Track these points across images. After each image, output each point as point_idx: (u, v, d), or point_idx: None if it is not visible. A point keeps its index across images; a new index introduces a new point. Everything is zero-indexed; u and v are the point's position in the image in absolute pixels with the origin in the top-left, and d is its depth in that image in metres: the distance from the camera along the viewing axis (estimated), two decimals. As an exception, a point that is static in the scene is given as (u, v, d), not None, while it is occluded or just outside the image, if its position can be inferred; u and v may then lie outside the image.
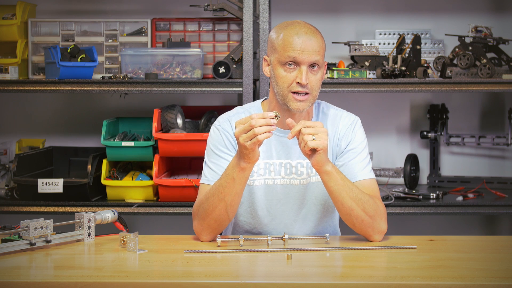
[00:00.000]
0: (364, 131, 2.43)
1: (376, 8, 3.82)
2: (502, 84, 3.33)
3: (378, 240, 2.26)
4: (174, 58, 3.45)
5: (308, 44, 2.24)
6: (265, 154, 2.37)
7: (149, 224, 3.86)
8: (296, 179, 2.37)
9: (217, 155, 2.36)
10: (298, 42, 2.24)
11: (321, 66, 2.29)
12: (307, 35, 2.25)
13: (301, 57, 2.24)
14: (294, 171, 2.37)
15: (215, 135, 2.38)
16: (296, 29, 2.27)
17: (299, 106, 2.27)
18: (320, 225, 2.42)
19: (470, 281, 1.84)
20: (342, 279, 1.90)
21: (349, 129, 2.39)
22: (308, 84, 2.25)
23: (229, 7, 3.37)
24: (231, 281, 1.84)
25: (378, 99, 3.84)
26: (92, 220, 2.23)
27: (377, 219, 2.24)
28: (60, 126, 3.87)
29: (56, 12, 3.81)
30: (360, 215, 2.22)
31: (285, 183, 2.37)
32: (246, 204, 2.39)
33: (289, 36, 2.25)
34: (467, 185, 3.68)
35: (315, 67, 2.26)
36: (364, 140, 2.41)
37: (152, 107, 3.50)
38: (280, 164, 2.37)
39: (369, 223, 2.23)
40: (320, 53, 2.27)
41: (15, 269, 1.95)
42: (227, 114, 2.42)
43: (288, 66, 2.25)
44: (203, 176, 2.37)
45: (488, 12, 3.79)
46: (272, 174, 2.37)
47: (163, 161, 3.41)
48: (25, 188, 3.36)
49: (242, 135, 2.12)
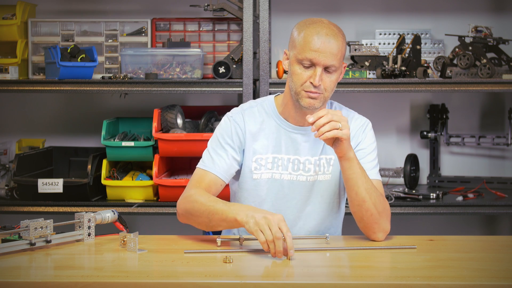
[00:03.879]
0: (374, 135, 2.45)
1: (376, 8, 3.82)
2: (502, 84, 3.33)
3: (380, 239, 2.26)
4: (174, 58, 3.45)
5: (327, 47, 2.24)
6: (274, 148, 2.39)
7: (149, 224, 3.87)
8: (303, 175, 2.39)
9: (221, 144, 2.38)
10: (317, 43, 2.24)
11: (338, 68, 2.29)
12: (327, 37, 2.25)
13: (317, 59, 2.24)
14: (302, 167, 2.39)
15: (225, 124, 2.41)
16: (318, 29, 2.26)
17: (309, 103, 2.29)
18: (323, 224, 2.42)
19: (470, 281, 1.84)
20: (342, 279, 1.90)
21: (360, 130, 2.41)
22: (322, 85, 2.27)
23: (229, 7, 3.37)
24: (231, 281, 1.84)
25: (378, 99, 3.84)
26: (92, 220, 2.23)
27: (384, 216, 2.26)
28: (60, 126, 3.87)
29: (56, 12, 3.81)
30: (370, 208, 2.24)
31: (291, 178, 2.39)
32: (250, 198, 2.40)
33: (309, 35, 2.26)
34: (467, 185, 3.68)
35: (331, 69, 2.27)
36: (374, 143, 2.43)
37: (152, 107, 3.50)
38: (288, 159, 2.39)
39: (377, 219, 2.25)
40: (338, 56, 2.27)
41: (15, 269, 1.94)
42: (242, 107, 2.45)
43: (304, 64, 2.27)
44: (201, 161, 2.39)
45: (488, 12, 3.79)
46: (279, 169, 2.39)
47: (163, 161, 3.41)
48: (25, 188, 3.36)
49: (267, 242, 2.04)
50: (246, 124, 2.39)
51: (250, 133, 2.39)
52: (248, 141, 2.39)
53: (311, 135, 2.37)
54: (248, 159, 2.39)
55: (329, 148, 2.37)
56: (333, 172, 2.40)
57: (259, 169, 2.38)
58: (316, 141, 2.39)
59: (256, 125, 2.40)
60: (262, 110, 2.43)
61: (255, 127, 2.40)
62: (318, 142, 2.40)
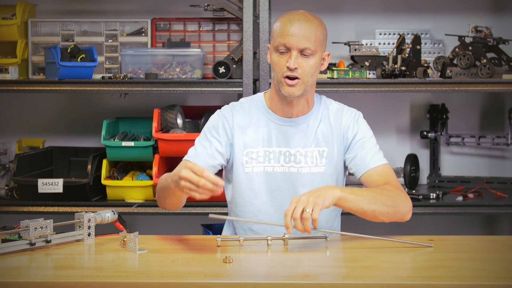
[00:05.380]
0: (367, 124, 2.47)
1: (376, 8, 3.82)
2: (502, 84, 3.33)
3: (409, 218, 2.31)
4: (174, 58, 3.45)
5: (298, 30, 2.30)
6: (264, 142, 2.41)
7: (149, 224, 3.86)
8: (294, 167, 2.41)
9: (207, 137, 2.42)
10: (289, 28, 2.31)
11: (314, 52, 2.32)
12: (299, 21, 2.31)
13: (290, 42, 2.30)
14: (293, 159, 2.41)
15: (214, 119, 2.46)
16: (291, 16, 2.34)
17: (289, 91, 2.33)
18: (321, 220, 2.41)
19: (470, 281, 1.83)
20: (342, 279, 1.90)
21: (352, 121, 2.44)
22: (299, 69, 2.31)
23: (229, 7, 3.37)
24: (231, 281, 1.84)
25: (378, 99, 3.84)
26: (92, 220, 2.23)
27: (399, 203, 2.27)
28: (60, 126, 3.87)
29: (56, 12, 3.81)
30: (383, 210, 2.24)
31: (284, 171, 2.40)
32: (245, 193, 2.41)
33: (282, 23, 2.33)
34: (467, 185, 3.68)
35: (306, 52, 2.31)
36: (370, 130, 2.46)
37: (152, 107, 3.50)
38: (280, 152, 2.41)
39: (394, 211, 2.26)
40: (312, 39, 2.31)
41: (15, 269, 1.94)
42: (232, 104, 2.49)
43: (280, 51, 2.32)
44: (187, 153, 2.44)
45: (488, 12, 3.79)
46: (271, 162, 2.41)
47: (163, 161, 3.41)
48: (25, 188, 3.36)
49: (187, 182, 2.03)
50: (234, 118, 2.43)
51: (239, 126, 2.42)
52: (237, 135, 2.41)
53: (301, 126, 2.41)
54: (238, 153, 2.41)
55: (322, 140, 2.41)
56: (327, 164, 2.41)
57: (250, 163, 2.40)
58: (307, 132, 2.41)
59: (245, 119, 2.43)
60: (252, 105, 2.46)
61: (244, 121, 2.43)
62: (309, 134, 2.42)
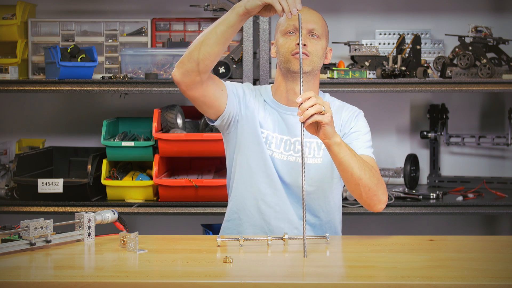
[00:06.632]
0: (367, 123, 2.49)
1: (376, 8, 3.82)
2: (502, 84, 3.33)
3: (380, 210, 2.33)
4: (174, 58, 3.45)
5: (306, 14, 2.38)
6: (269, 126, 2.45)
7: (149, 224, 3.86)
8: (292, 156, 2.43)
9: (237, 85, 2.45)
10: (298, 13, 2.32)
11: (321, 37, 2.40)
12: (306, 8, 2.40)
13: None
14: (292, 148, 2.43)
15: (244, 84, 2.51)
16: None
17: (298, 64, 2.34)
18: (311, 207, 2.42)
19: (470, 281, 1.83)
20: (342, 279, 1.90)
21: (352, 116, 2.47)
22: (308, 46, 2.36)
23: (229, 7, 3.37)
24: (231, 281, 1.84)
25: (378, 99, 3.83)
26: (92, 220, 2.23)
27: (380, 188, 2.30)
28: (60, 126, 3.87)
29: (56, 12, 3.81)
30: (367, 183, 2.26)
31: (282, 158, 2.44)
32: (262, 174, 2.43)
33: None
34: (467, 185, 3.68)
35: (314, 32, 2.38)
36: (367, 127, 2.48)
37: (152, 107, 3.50)
38: (281, 139, 2.45)
39: (375, 191, 2.28)
40: (318, 23, 2.40)
41: (15, 269, 1.94)
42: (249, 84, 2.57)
43: (290, 32, 2.39)
44: None
45: (488, 12, 3.79)
46: (272, 146, 2.44)
47: (163, 161, 3.41)
48: (25, 188, 3.36)
49: None
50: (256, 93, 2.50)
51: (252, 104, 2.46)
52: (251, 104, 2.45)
53: None
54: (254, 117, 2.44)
55: None
56: (324, 156, 2.43)
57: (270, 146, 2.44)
58: None
59: (256, 102, 2.47)
60: (259, 94, 2.51)
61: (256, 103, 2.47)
62: None
